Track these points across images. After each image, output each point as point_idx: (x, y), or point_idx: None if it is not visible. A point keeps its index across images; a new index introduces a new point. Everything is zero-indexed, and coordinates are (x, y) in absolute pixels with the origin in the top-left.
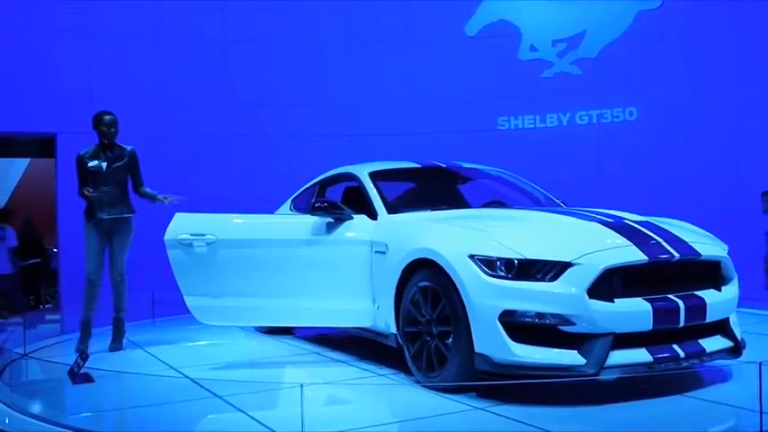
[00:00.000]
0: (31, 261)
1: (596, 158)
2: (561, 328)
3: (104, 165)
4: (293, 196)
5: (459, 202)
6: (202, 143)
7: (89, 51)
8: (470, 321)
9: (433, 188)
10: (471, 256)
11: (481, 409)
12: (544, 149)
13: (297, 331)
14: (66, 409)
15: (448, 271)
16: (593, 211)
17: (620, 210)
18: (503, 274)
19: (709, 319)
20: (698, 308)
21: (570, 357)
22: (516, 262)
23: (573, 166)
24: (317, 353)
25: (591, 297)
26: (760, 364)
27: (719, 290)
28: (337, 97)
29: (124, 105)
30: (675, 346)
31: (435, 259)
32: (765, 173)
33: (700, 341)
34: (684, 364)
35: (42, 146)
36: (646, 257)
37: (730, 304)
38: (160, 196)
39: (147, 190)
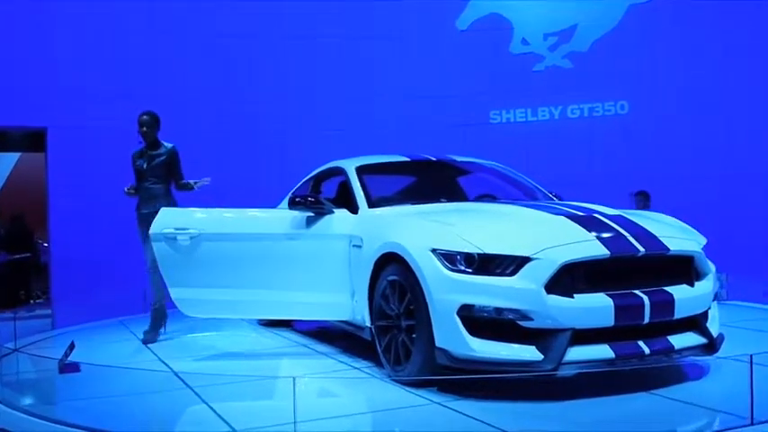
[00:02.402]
0: (18, 256)
1: (588, 152)
2: (520, 323)
3: (145, 164)
4: (292, 191)
5: (447, 196)
6: (197, 138)
7: (80, 44)
8: (431, 316)
9: (420, 182)
10: (433, 251)
11: (438, 403)
12: (536, 143)
13: (296, 324)
14: (55, 403)
15: (411, 265)
16: (567, 205)
17: (605, 203)
18: (462, 268)
19: (677, 316)
20: (665, 304)
21: (528, 353)
22: (476, 256)
23: (564, 159)
24: (306, 345)
25: (549, 292)
26: (751, 356)
27: (692, 285)
28: (330, 92)
29: (116, 100)
30: (641, 343)
31: (401, 253)
32: (757, 165)
33: (669, 338)
34: (650, 362)
35: (32, 140)
36: (608, 252)
37: (703, 300)
38: (192, 182)
39: (183, 182)
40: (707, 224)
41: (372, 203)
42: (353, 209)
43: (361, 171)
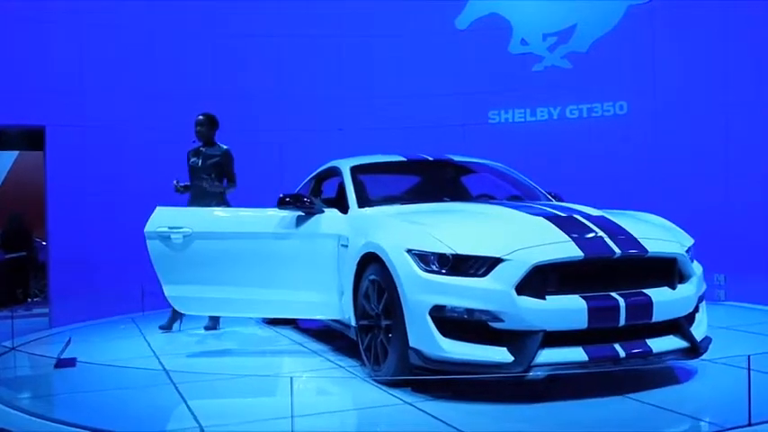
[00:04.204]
0: (13, 254)
1: (586, 152)
2: (491, 324)
3: (199, 161)
4: (296, 190)
5: (443, 195)
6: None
7: (79, 42)
8: (405, 316)
9: (416, 181)
10: (409, 251)
11: (409, 404)
12: (534, 143)
13: (300, 323)
14: (49, 401)
15: (387, 265)
16: (550, 205)
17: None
18: (436, 268)
19: (656, 319)
20: (642, 306)
21: (498, 354)
22: (450, 257)
23: (563, 159)
24: (301, 344)
25: (520, 293)
26: (749, 357)
27: (674, 288)
28: (328, 91)
29: (114, 99)
30: (617, 346)
31: (379, 253)
32: (756, 165)
33: (647, 341)
34: (627, 365)
35: (31, 138)
36: (582, 254)
37: (685, 303)
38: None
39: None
40: (706, 225)
41: (362, 203)
42: (344, 208)
43: (355, 171)
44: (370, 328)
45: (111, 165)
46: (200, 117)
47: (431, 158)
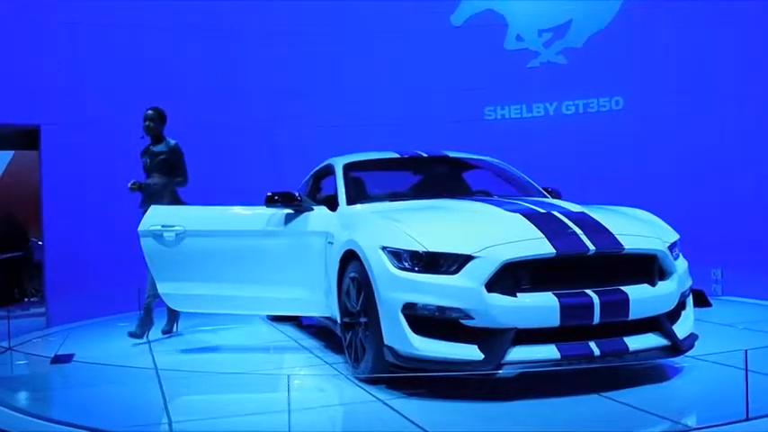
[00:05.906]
0: (10, 254)
1: (582, 148)
2: (462, 321)
3: (149, 161)
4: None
5: (434, 192)
6: (190, 135)
7: (74, 42)
8: (379, 313)
9: (409, 178)
10: (383, 248)
11: (382, 401)
12: (531, 139)
13: (303, 319)
14: (42, 399)
15: (364, 262)
16: (532, 202)
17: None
18: (408, 266)
19: (633, 316)
20: (618, 304)
21: (468, 352)
22: (422, 254)
23: (559, 155)
24: (296, 341)
25: (491, 291)
26: (746, 351)
27: (653, 285)
28: (324, 88)
29: (109, 98)
30: (591, 344)
31: (356, 250)
32: (752, 159)
33: (624, 339)
34: (600, 363)
35: (26, 138)
36: (554, 251)
37: (666, 300)
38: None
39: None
40: (702, 220)
41: (352, 200)
42: (334, 206)
43: (348, 168)
44: (352, 326)
45: (107, 164)
46: (150, 111)
47: (425, 155)
